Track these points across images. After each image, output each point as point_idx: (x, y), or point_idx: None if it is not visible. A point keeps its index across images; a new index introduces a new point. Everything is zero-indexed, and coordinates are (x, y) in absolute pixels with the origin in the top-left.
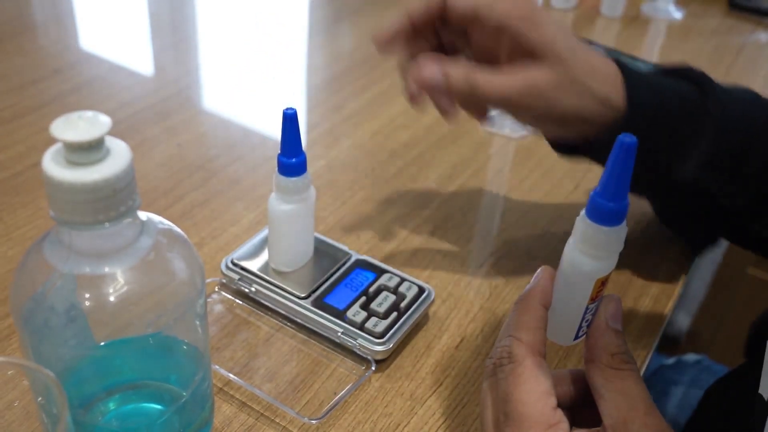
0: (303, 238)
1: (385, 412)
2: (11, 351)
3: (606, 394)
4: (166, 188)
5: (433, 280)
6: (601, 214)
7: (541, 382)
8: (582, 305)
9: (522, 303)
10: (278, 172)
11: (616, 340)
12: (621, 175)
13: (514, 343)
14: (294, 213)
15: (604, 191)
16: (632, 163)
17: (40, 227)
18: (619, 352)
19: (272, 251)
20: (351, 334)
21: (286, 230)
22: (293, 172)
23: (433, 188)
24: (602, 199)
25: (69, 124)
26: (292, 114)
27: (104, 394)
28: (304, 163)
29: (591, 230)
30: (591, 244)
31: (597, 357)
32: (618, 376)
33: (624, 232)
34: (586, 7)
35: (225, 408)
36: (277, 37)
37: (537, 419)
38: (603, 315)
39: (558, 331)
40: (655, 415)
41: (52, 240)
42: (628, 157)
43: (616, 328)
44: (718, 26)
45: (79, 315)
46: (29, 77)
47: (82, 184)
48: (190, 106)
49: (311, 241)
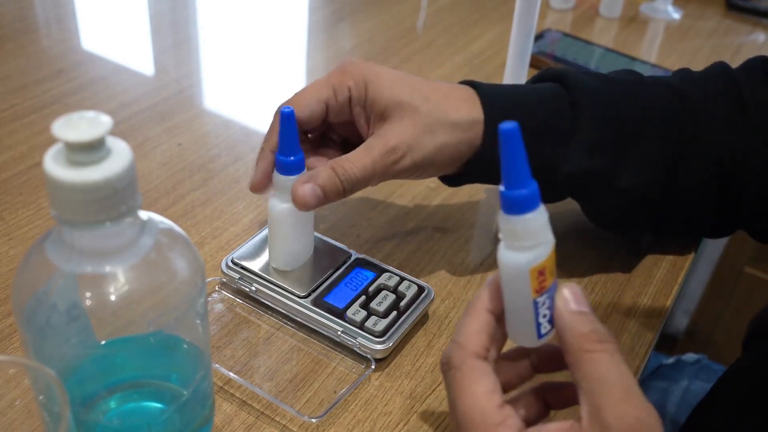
0: (303, 237)
1: (384, 411)
2: (13, 350)
3: (581, 382)
4: (167, 188)
5: (433, 279)
6: (512, 205)
7: (481, 383)
8: (528, 300)
9: (466, 309)
10: (276, 171)
11: (580, 318)
12: (515, 162)
13: (453, 348)
14: (293, 212)
15: (507, 182)
16: (521, 147)
17: (42, 227)
18: (588, 331)
19: (272, 251)
20: (351, 333)
21: (285, 230)
22: (291, 171)
23: (432, 188)
24: (508, 190)
25: (70, 124)
26: (290, 113)
27: (105, 393)
28: (302, 162)
29: (509, 223)
30: (514, 237)
31: (567, 345)
32: (590, 361)
33: (543, 216)
34: (584, 8)
35: (225, 406)
36: (277, 38)
37: (479, 422)
38: (559, 301)
39: (520, 334)
40: (631, 401)
41: (53, 239)
42: (514, 142)
43: (580, 310)
44: (716, 26)
45: (80, 314)
46: (31, 78)
47: (83, 183)
48: (191, 106)
49: (311, 241)
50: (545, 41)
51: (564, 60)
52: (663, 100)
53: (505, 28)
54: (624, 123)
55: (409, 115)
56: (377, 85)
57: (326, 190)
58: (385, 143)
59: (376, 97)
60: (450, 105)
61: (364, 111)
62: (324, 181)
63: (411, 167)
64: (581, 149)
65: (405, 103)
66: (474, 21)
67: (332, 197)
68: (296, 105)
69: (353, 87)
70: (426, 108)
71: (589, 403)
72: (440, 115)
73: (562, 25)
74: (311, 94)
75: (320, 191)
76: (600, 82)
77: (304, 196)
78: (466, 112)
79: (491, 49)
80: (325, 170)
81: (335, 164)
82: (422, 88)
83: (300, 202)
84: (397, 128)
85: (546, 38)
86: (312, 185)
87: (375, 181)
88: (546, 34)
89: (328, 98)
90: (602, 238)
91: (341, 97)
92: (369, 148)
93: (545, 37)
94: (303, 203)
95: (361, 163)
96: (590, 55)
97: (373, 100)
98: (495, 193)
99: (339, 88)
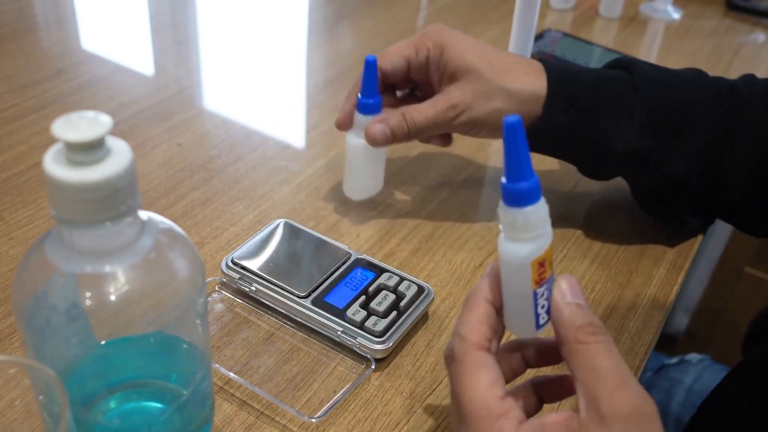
0: (373, 171)
1: (384, 411)
2: (13, 350)
3: (576, 373)
4: (167, 188)
5: (433, 279)
6: (513, 197)
7: (483, 374)
8: (528, 292)
9: (467, 301)
10: (357, 111)
11: (576, 311)
12: (517, 155)
13: (455, 341)
14: (367, 148)
15: (509, 174)
16: (523, 141)
17: (42, 226)
18: (583, 324)
19: (347, 182)
20: (351, 332)
21: (359, 162)
22: (369, 111)
23: (432, 188)
24: (509, 182)
25: (70, 124)
26: (372, 60)
27: (105, 393)
28: (379, 105)
29: (510, 215)
30: (515, 229)
31: (563, 336)
32: (585, 352)
33: (543, 209)
34: (584, 8)
35: (225, 406)
36: (277, 37)
37: (482, 414)
38: (556, 293)
39: (518, 325)
40: (626, 390)
41: (53, 239)
42: (516, 135)
43: (576, 302)
44: (716, 26)
45: (80, 314)
46: (31, 78)
47: (83, 183)
48: (190, 106)
49: (381, 176)
50: (545, 41)
51: (564, 60)
52: (714, 93)
53: (505, 28)
54: (677, 110)
55: (473, 79)
56: (452, 49)
57: (394, 132)
58: (448, 100)
59: (449, 60)
60: (512, 76)
61: (438, 71)
62: (394, 124)
63: (466, 124)
64: (635, 129)
65: (472, 69)
66: (474, 21)
67: (399, 139)
68: (382, 58)
69: (431, 48)
70: (489, 75)
71: (585, 394)
72: (500, 84)
73: (562, 25)
74: (396, 51)
75: (389, 132)
76: (662, 71)
77: (375, 133)
78: (527, 85)
79: None
80: (396, 115)
81: (405, 111)
82: (491, 57)
83: (371, 138)
84: (460, 89)
85: (546, 38)
86: (383, 126)
87: (436, 131)
88: (546, 34)
89: (409, 56)
90: (602, 238)
91: (421, 56)
92: (434, 103)
93: (545, 37)
94: (373, 140)
95: (425, 114)
96: (590, 55)
97: (446, 62)
98: (495, 194)
99: (419, 48)
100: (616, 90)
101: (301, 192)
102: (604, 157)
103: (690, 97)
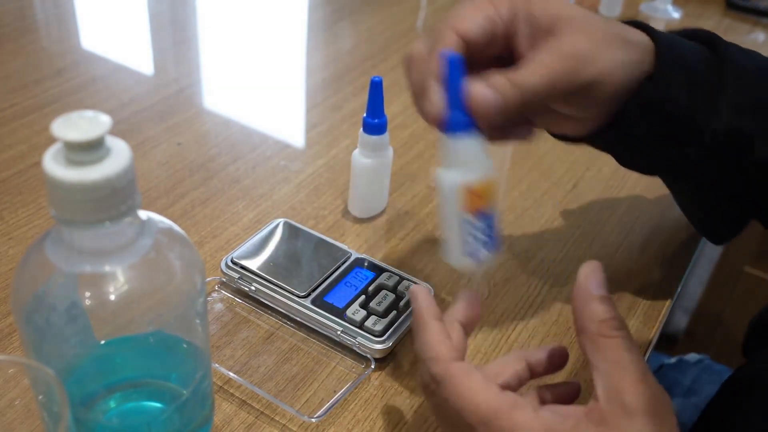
0: (380, 189)
1: (384, 410)
2: (12, 349)
3: (598, 364)
4: (166, 187)
5: (432, 278)
6: (447, 124)
7: (475, 379)
8: (456, 216)
9: (416, 327)
10: (362, 131)
11: (601, 306)
12: (455, 88)
13: (429, 365)
14: (372, 166)
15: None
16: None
17: (41, 226)
18: (607, 318)
19: (353, 200)
20: (350, 332)
21: (365, 182)
22: (376, 131)
23: (432, 187)
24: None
25: (69, 124)
26: (379, 81)
27: (105, 392)
28: (385, 125)
29: (446, 144)
30: (447, 157)
31: (585, 327)
32: (608, 345)
33: (477, 144)
34: (584, 7)
35: (225, 406)
36: (276, 37)
37: (494, 414)
38: (584, 282)
39: (449, 252)
40: (647, 383)
41: (53, 239)
42: (458, 71)
43: (600, 295)
44: (716, 26)
45: (80, 313)
46: (31, 77)
47: (82, 183)
48: (190, 106)
49: (386, 194)
50: None
51: None
52: None
53: None
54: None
55: (582, 28)
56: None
57: (506, 97)
58: (560, 52)
59: (542, 11)
60: (622, 27)
61: (528, 26)
62: (503, 88)
63: (592, 82)
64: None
65: (576, 17)
66: None
67: (511, 106)
68: (464, 21)
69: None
70: (599, 23)
71: (607, 385)
72: (617, 30)
73: None
74: (473, 12)
75: (500, 98)
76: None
77: (484, 99)
78: (640, 36)
79: None
80: (500, 78)
81: (508, 74)
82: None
83: (478, 105)
84: (570, 39)
85: None
86: (490, 91)
87: (555, 96)
88: None
89: (491, 14)
90: (602, 238)
91: (504, 11)
92: (541, 60)
93: None
94: (482, 107)
95: (538, 72)
96: None
97: (541, 12)
98: None
99: (498, 2)
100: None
101: (301, 191)
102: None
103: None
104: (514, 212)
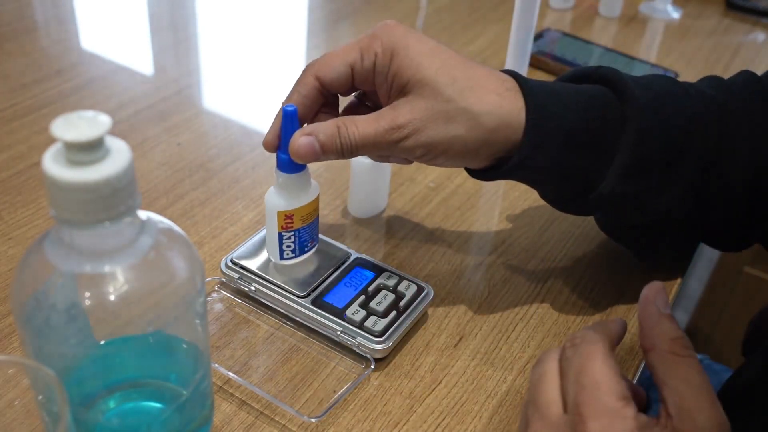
0: (379, 190)
1: (384, 411)
2: (12, 350)
3: (669, 381)
4: (166, 187)
5: (432, 278)
6: (280, 164)
7: (615, 365)
8: (275, 231)
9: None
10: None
11: (671, 325)
12: (287, 136)
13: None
14: (372, 167)
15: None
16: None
17: (41, 226)
18: (678, 337)
19: (352, 201)
20: (350, 332)
21: (364, 182)
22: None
23: (432, 188)
24: (281, 152)
25: (69, 124)
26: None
27: (105, 393)
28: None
29: (279, 177)
30: (276, 184)
31: (656, 344)
32: (680, 363)
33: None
34: (584, 7)
35: (225, 406)
36: (276, 37)
37: (613, 389)
38: (653, 302)
39: (270, 252)
40: (719, 409)
41: (52, 239)
42: (292, 123)
43: (669, 314)
44: (716, 26)
45: (79, 313)
46: (30, 77)
47: (82, 183)
48: (190, 106)
49: (386, 194)
50: (545, 41)
51: (563, 60)
52: (704, 112)
53: (504, 28)
54: (669, 140)
55: (427, 96)
56: (404, 57)
57: (325, 147)
58: (393, 118)
59: (399, 70)
60: (478, 95)
61: (386, 81)
62: (325, 138)
63: (414, 149)
64: (620, 171)
65: (427, 83)
66: (473, 20)
67: (330, 156)
68: (322, 66)
69: (380, 54)
70: (449, 93)
71: (679, 403)
72: (462, 104)
73: (562, 25)
74: (338, 57)
75: (318, 147)
76: (648, 93)
77: (301, 148)
78: (494, 107)
79: (491, 49)
80: (330, 127)
81: (341, 123)
82: (453, 69)
83: (295, 153)
84: (410, 106)
85: (545, 38)
86: (311, 139)
87: (376, 153)
88: (545, 33)
89: (354, 62)
90: (602, 238)
91: (366, 63)
92: (378, 118)
93: (545, 36)
94: (297, 155)
95: (364, 131)
96: (589, 55)
97: (396, 72)
98: (494, 193)
99: (366, 52)
100: (602, 118)
101: None
102: (585, 196)
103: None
104: (514, 212)
